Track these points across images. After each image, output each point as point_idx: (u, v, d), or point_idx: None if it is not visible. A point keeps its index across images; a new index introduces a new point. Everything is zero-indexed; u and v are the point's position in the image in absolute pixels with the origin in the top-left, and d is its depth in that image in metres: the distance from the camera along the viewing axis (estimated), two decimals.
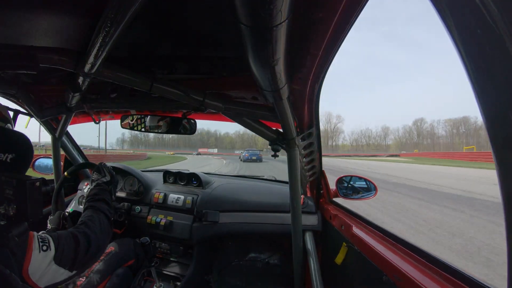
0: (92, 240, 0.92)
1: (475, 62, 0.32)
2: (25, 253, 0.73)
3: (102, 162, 1.35)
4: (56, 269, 0.79)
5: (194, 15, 0.75)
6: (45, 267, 0.76)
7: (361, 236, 1.07)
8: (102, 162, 1.35)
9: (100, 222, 1.00)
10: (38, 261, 0.75)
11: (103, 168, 1.31)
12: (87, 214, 1.02)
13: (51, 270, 0.78)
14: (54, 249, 0.79)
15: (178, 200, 1.72)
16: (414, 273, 0.75)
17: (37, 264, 0.75)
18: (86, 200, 1.12)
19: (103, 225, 1.01)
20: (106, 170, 1.30)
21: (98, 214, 1.03)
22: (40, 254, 0.76)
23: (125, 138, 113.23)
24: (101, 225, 1.00)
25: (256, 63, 0.62)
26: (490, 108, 0.32)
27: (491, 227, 4.66)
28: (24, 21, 0.70)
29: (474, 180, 11.97)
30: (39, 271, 0.75)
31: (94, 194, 1.14)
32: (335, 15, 0.54)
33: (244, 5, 0.42)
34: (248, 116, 1.12)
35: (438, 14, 0.34)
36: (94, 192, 1.16)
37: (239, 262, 1.89)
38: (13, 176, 0.74)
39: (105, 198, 1.14)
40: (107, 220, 1.06)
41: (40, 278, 0.75)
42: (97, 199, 1.11)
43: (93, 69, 0.82)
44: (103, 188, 1.20)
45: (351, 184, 1.59)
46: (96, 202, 1.09)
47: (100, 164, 1.33)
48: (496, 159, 0.33)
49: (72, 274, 0.85)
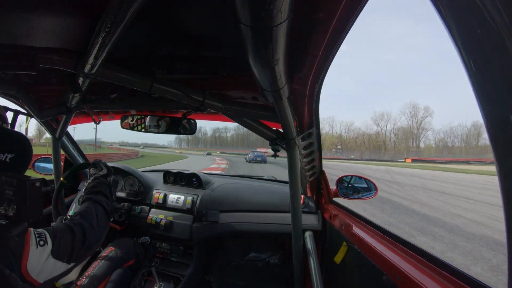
0: (87, 231, 0.91)
1: (475, 62, 0.32)
2: (23, 250, 0.73)
3: (97, 158, 1.35)
4: (54, 263, 0.79)
5: (194, 15, 0.75)
6: (43, 262, 0.76)
7: (361, 236, 1.07)
8: (97, 158, 1.35)
9: (97, 213, 0.99)
10: (36, 256, 0.75)
11: (98, 163, 1.30)
12: (84, 206, 1.01)
13: (49, 264, 0.78)
14: (51, 243, 0.79)
15: (178, 200, 1.72)
16: (414, 273, 0.75)
17: (35, 260, 0.74)
18: (84, 194, 1.12)
19: (100, 215, 1.00)
20: (102, 164, 1.30)
21: (95, 205, 1.02)
22: (37, 249, 0.75)
23: (182, 137, 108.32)
24: (98, 216, 0.99)
25: (256, 63, 0.62)
26: (490, 109, 0.32)
27: None
28: (24, 21, 0.70)
29: None
30: (38, 266, 0.75)
31: (92, 187, 1.14)
32: (335, 15, 0.54)
33: (244, 5, 0.43)
34: (248, 116, 1.12)
35: (438, 14, 0.34)
36: (91, 185, 1.15)
37: (239, 262, 1.89)
38: (13, 176, 0.74)
39: (102, 190, 1.14)
40: (104, 211, 1.05)
41: (38, 274, 0.75)
42: (94, 192, 1.10)
43: (93, 69, 0.82)
44: (101, 181, 1.19)
45: (351, 184, 1.59)
46: (93, 195, 1.08)
47: (95, 160, 1.32)
48: (496, 159, 0.33)
49: (70, 266, 0.84)
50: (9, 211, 0.72)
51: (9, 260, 0.67)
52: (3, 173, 0.75)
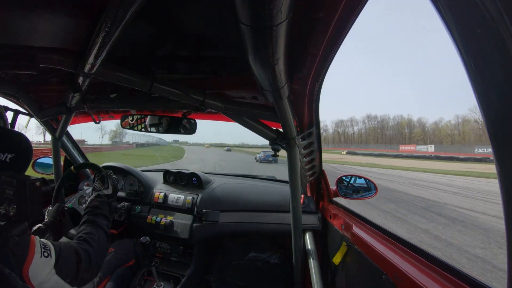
0: (93, 258, 0.92)
1: (475, 61, 0.32)
2: (27, 254, 0.73)
3: (109, 171, 1.31)
4: (57, 280, 0.79)
5: (194, 15, 0.75)
6: (46, 274, 0.76)
7: (361, 236, 1.07)
8: (109, 171, 1.31)
9: (99, 240, 1.00)
10: (39, 265, 0.75)
11: (107, 178, 1.27)
12: (88, 231, 1.00)
13: (52, 280, 0.78)
14: (54, 258, 0.79)
15: (178, 200, 1.73)
16: (414, 273, 0.75)
17: (38, 268, 0.74)
18: (86, 211, 1.10)
19: (102, 242, 1.01)
20: (110, 181, 1.27)
21: (97, 230, 1.02)
22: (41, 258, 0.76)
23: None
24: (100, 242, 1.00)
25: (256, 63, 0.62)
26: (490, 107, 0.32)
27: None
28: (24, 21, 0.70)
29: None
30: (40, 276, 0.75)
31: (95, 207, 1.12)
32: (335, 14, 0.54)
33: (244, 5, 0.42)
34: (248, 116, 1.12)
35: (438, 14, 0.34)
36: (95, 204, 1.13)
37: (239, 261, 1.89)
38: (13, 176, 0.74)
39: (104, 212, 1.12)
40: (106, 237, 1.05)
41: (40, 284, 0.75)
42: (97, 213, 1.09)
43: (93, 69, 0.81)
44: (104, 201, 1.17)
45: (351, 183, 1.59)
46: (96, 217, 1.07)
47: (106, 173, 1.29)
48: (496, 158, 0.33)
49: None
50: (9, 211, 0.73)
51: (9, 260, 0.68)
52: (3, 173, 0.75)
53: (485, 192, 9.85)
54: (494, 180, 12.79)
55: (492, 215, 6.37)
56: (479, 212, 6.70)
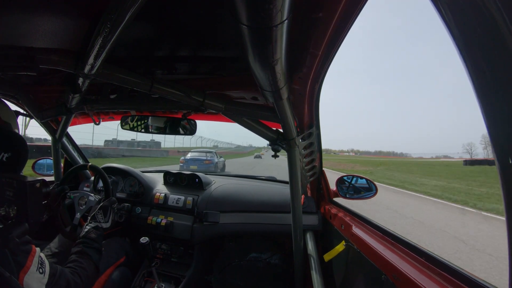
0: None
1: (476, 61, 0.32)
2: (25, 262, 0.73)
3: (115, 203, 1.35)
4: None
5: (194, 15, 0.75)
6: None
7: (361, 236, 1.07)
8: (115, 203, 1.35)
9: (88, 276, 1.00)
10: (33, 278, 0.75)
11: (111, 212, 1.29)
12: (81, 264, 1.01)
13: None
14: (47, 278, 0.79)
15: (179, 201, 1.72)
16: (413, 273, 0.75)
17: (32, 281, 0.74)
18: (82, 240, 1.11)
19: (90, 276, 1.02)
20: (112, 216, 1.29)
21: (89, 265, 1.03)
22: (36, 272, 0.76)
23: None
24: (89, 278, 1.01)
25: (256, 63, 0.62)
26: (490, 107, 0.32)
27: None
28: (24, 22, 0.70)
29: None
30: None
31: (92, 240, 1.12)
32: (335, 14, 0.54)
33: (244, 5, 0.42)
34: (248, 116, 1.12)
35: (438, 14, 0.34)
36: (92, 236, 1.14)
37: (239, 262, 1.89)
38: (14, 177, 0.74)
39: (99, 247, 1.13)
40: (95, 271, 1.06)
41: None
42: (93, 247, 1.10)
43: (93, 70, 0.81)
44: (100, 234, 1.18)
45: (352, 184, 1.59)
46: (91, 250, 1.08)
47: (112, 200, 1.32)
48: (496, 158, 0.33)
49: None
50: (10, 212, 0.73)
51: (8, 261, 0.67)
52: (3, 175, 0.75)
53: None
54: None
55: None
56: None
